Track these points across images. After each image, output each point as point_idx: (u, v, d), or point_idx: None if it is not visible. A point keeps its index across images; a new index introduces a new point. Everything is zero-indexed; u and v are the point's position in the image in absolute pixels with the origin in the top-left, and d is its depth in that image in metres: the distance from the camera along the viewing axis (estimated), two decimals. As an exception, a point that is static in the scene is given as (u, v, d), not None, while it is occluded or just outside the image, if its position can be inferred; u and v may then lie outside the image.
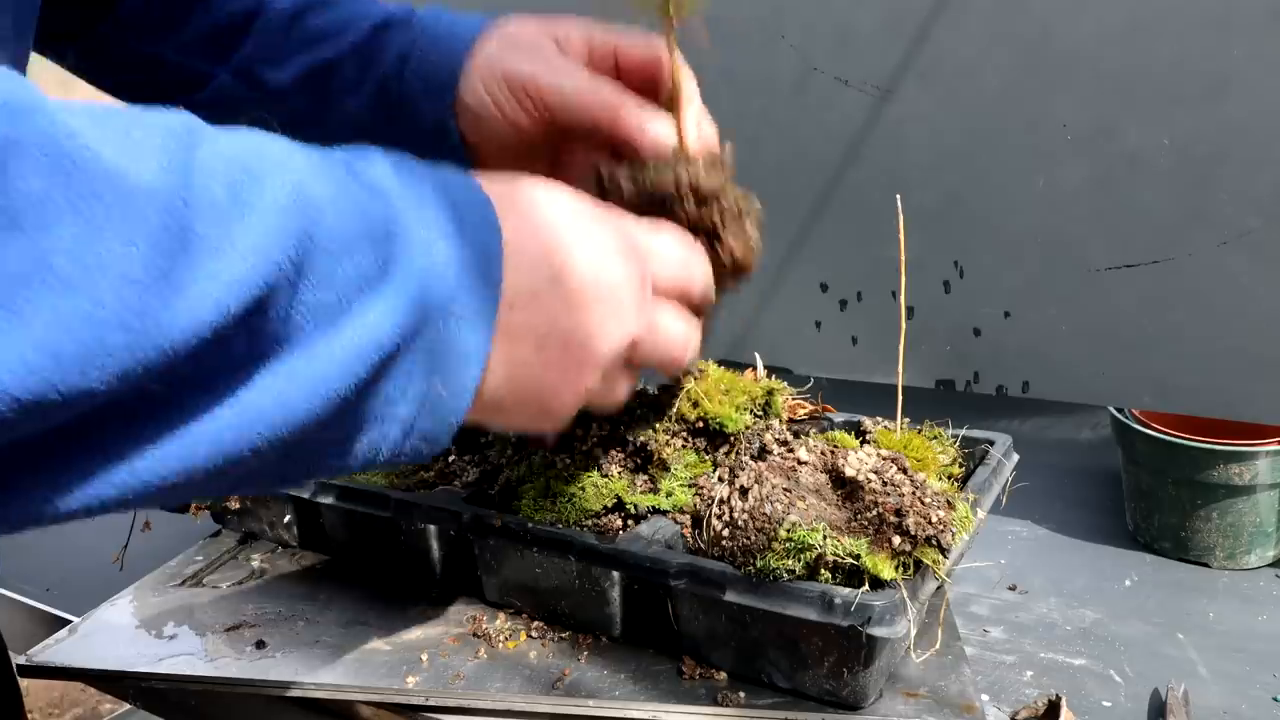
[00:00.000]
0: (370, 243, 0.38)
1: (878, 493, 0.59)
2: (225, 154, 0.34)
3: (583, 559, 0.65)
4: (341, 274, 0.37)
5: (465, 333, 0.42)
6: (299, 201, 0.35)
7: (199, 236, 0.32)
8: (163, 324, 0.31)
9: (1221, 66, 0.82)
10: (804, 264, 1.04)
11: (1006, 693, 0.69)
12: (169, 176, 0.31)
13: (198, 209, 0.32)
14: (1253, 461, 0.85)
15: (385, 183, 0.41)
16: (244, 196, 0.34)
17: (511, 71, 0.64)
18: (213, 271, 0.32)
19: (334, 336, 0.37)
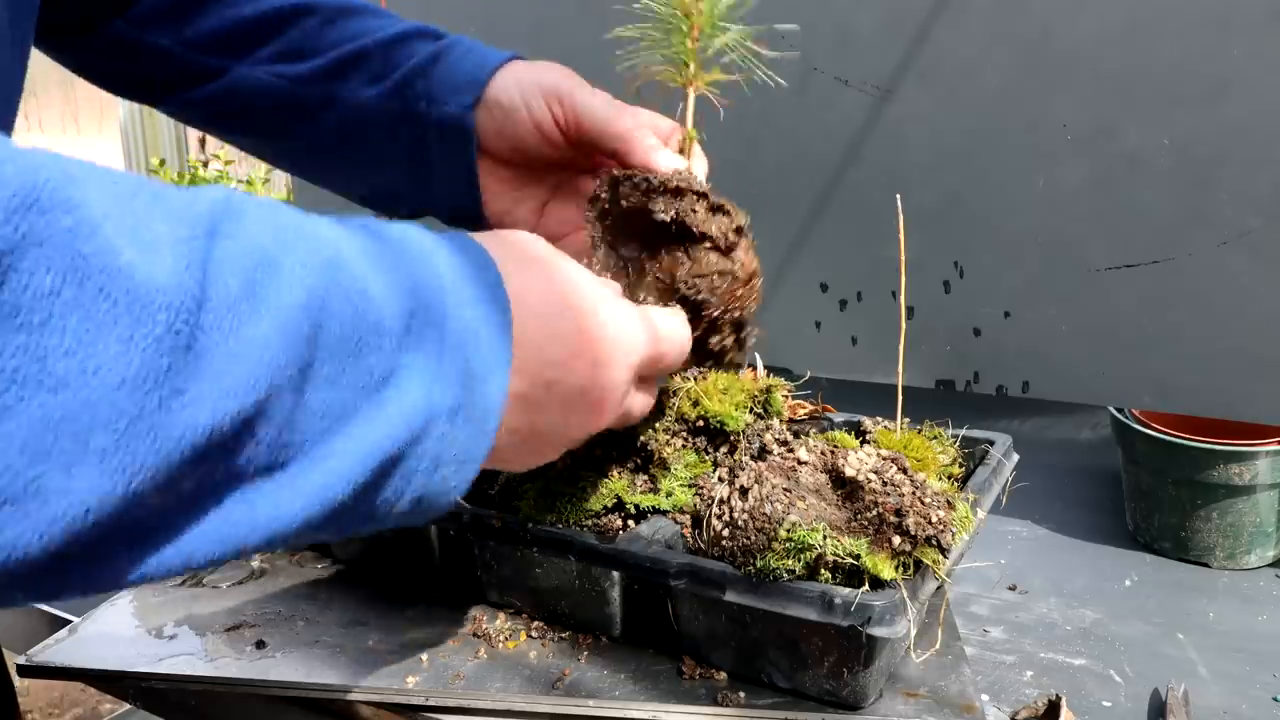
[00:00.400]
0: (380, 345, 0.38)
1: (878, 493, 0.59)
2: (247, 244, 0.34)
3: (583, 559, 0.65)
4: (350, 377, 0.37)
5: (467, 434, 0.42)
6: (315, 298, 0.35)
7: (206, 336, 0.31)
8: (155, 427, 0.30)
9: (1222, 67, 0.82)
10: (804, 264, 1.04)
11: (1006, 693, 0.69)
12: (184, 275, 0.31)
13: (208, 308, 0.31)
14: (1253, 461, 0.85)
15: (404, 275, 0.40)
16: (258, 292, 0.33)
17: (549, 81, 0.68)
18: (215, 373, 0.31)
19: (337, 443, 0.36)
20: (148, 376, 0.30)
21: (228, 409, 0.32)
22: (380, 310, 0.38)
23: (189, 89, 0.75)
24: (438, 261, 0.42)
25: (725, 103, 0.66)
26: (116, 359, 0.29)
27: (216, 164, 2.93)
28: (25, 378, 0.27)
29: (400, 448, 0.39)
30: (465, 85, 0.70)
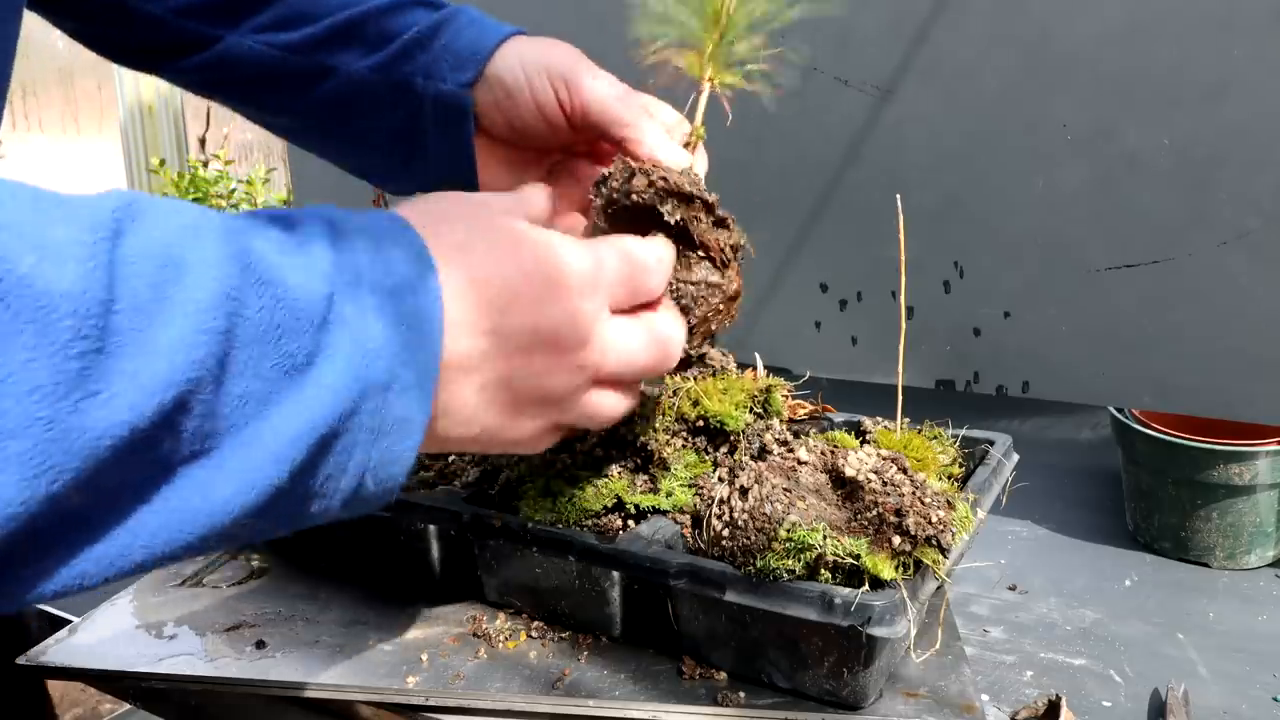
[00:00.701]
0: (300, 329, 0.38)
1: (878, 493, 0.59)
2: (152, 245, 0.34)
3: (583, 559, 0.65)
4: (268, 361, 0.37)
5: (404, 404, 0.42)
6: (226, 292, 0.35)
7: (118, 338, 0.32)
8: (71, 430, 0.30)
9: (1221, 68, 0.82)
10: (804, 264, 1.04)
11: (1006, 693, 0.69)
12: (88, 279, 0.31)
13: (117, 309, 0.32)
14: (1253, 461, 0.85)
15: (320, 259, 0.40)
16: (167, 291, 0.33)
17: (555, 60, 0.65)
18: (130, 372, 0.32)
19: (263, 427, 0.37)
20: (60, 382, 0.30)
21: (145, 406, 0.32)
22: (296, 295, 0.38)
23: (182, 57, 0.73)
24: (354, 239, 0.42)
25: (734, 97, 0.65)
26: (24, 367, 0.29)
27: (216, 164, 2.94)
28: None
29: (332, 424, 0.39)
30: (465, 61, 0.67)
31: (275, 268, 0.38)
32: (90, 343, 0.31)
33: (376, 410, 0.40)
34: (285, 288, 0.38)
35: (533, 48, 0.67)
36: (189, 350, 0.33)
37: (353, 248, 0.42)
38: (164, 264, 0.34)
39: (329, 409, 0.38)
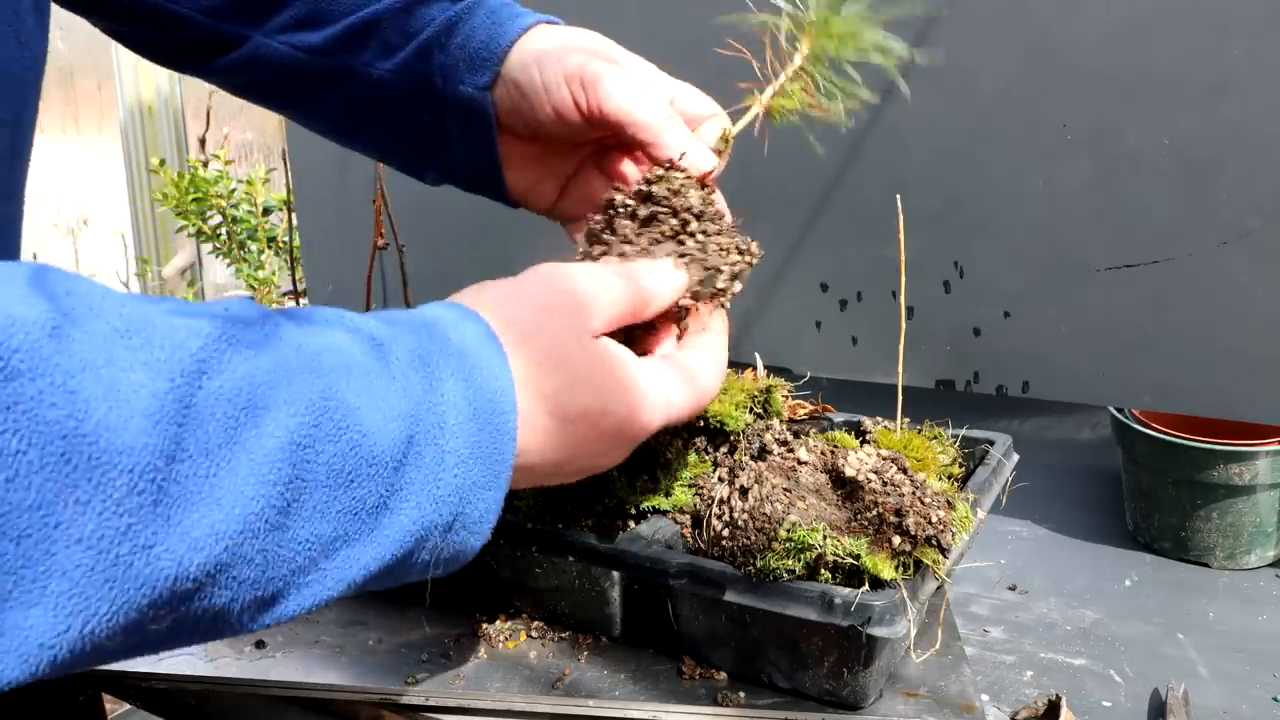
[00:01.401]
0: (373, 475, 0.38)
1: (878, 493, 0.59)
2: (235, 385, 0.34)
3: (583, 559, 0.65)
4: (339, 507, 0.37)
5: (463, 538, 0.44)
6: (298, 441, 0.35)
7: (178, 488, 0.32)
8: (114, 580, 0.31)
9: (1221, 68, 0.82)
10: (804, 264, 1.04)
11: (1006, 693, 0.69)
12: (152, 432, 0.31)
13: (182, 458, 0.32)
14: (1253, 461, 0.85)
15: (403, 400, 0.40)
16: (241, 435, 0.34)
17: (574, 57, 0.62)
18: (184, 528, 0.32)
19: (326, 568, 0.37)
20: (104, 535, 0.30)
21: (194, 560, 0.32)
22: (374, 440, 0.38)
23: (213, 57, 0.73)
24: (443, 379, 0.42)
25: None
26: (74, 519, 0.30)
27: (216, 164, 2.94)
28: None
29: (390, 563, 0.40)
30: (481, 62, 0.65)
31: (354, 411, 0.38)
32: (145, 497, 0.31)
33: (436, 546, 0.42)
34: (362, 433, 0.38)
35: (550, 43, 0.64)
36: (250, 501, 0.34)
37: (439, 390, 0.42)
38: (244, 406, 0.34)
39: (391, 551, 0.39)
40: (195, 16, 0.71)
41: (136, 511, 0.31)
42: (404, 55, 0.68)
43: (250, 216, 2.82)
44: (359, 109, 0.72)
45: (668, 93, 0.64)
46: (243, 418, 0.34)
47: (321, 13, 0.70)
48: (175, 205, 2.77)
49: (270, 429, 0.35)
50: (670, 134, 0.60)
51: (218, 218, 2.83)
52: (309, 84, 0.72)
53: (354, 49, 0.69)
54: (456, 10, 0.67)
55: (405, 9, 0.68)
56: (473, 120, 0.67)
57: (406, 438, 0.39)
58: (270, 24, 0.71)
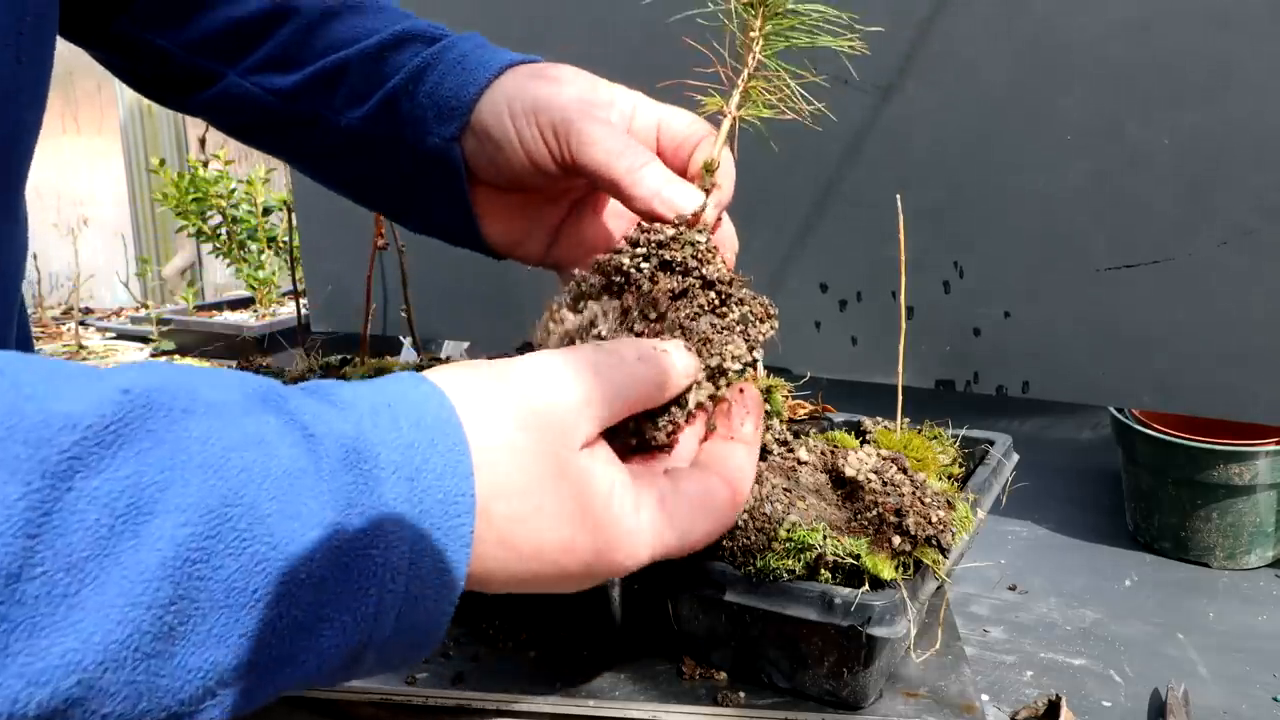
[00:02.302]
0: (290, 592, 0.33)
1: (878, 493, 0.59)
2: (112, 487, 0.29)
3: (583, 559, 0.65)
4: (240, 632, 0.32)
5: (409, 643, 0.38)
6: (186, 555, 0.30)
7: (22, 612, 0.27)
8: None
9: (1222, 65, 0.82)
10: (804, 264, 1.04)
11: (1006, 693, 0.69)
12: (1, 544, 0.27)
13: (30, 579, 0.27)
14: (1253, 461, 0.85)
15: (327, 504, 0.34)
16: (115, 547, 0.29)
17: (545, 102, 0.58)
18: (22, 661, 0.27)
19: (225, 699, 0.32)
20: None
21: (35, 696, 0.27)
22: (287, 554, 0.33)
23: (194, 92, 0.72)
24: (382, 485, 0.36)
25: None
26: None
27: (216, 164, 2.94)
28: None
29: (319, 680, 0.35)
30: (449, 111, 0.61)
31: (263, 520, 0.32)
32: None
33: (373, 662, 0.37)
34: (271, 545, 0.32)
35: (521, 89, 0.60)
36: (113, 628, 0.29)
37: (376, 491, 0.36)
38: (122, 513, 0.29)
39: (312, 677, 0.34)
40: (173, 50, 0.70)
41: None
42: (372, 104, 0.64)
43: (250, 216, 2.83)
44: (332, 156, 0.69)
45: (653, 120, 0.60)
46: (119, 526, 0.29)
47: (293, 55, 0.67)
48: (175, 205, 2.77)
49: (153, 540, 0.29)
50: (643, 184, 0.55)
51: (218, 218, 2.83)
52: (281, 128, 0.69)
53: (323, 95, 0.66)
54: (426, 56, 0.63)
55: (377, 54, 0.65)
56: (442, 173, 0.63)
57: (323, 551, 0.34)
58: (243, 63, 0.69)
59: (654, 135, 0.60)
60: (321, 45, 0.67)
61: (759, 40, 0.55)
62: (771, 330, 0.57)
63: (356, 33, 0.66)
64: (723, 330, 0.54)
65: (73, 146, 4.47)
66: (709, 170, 0.57)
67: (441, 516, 0.37)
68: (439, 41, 0.64)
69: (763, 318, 0.56)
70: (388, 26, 0.66)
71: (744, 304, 0.56)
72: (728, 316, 0.55)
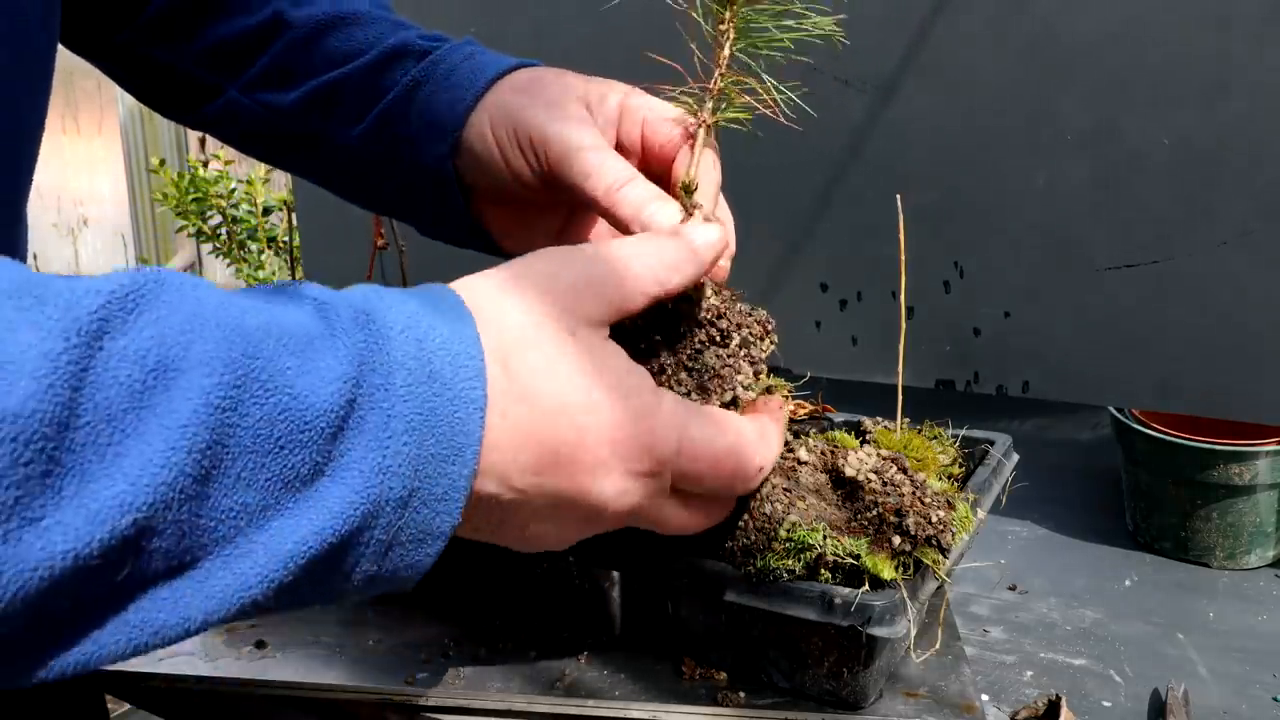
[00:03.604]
0: (306, 441, 0.34)
1: (878, 493, 0.59)
2: (144, 344, 0.31)
3: (583, 559, 0.65)
4: (267, 475, 0.34)
5: (425, 518, 0.39)
6: (217, 403, 0.32)
7: (73, 458, 0.29)
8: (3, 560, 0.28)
9: (1221, 67, 0.82)
10: (804, 264, 1.04)
11: (1006, 693, 0.69)
12: (41, 398, 0.29)
13: (77, 427, 0.29)
14: (1253, 461, 0.85)
15: (342, 360, 0.36)
16: (149, 399, 0.31)
17: (523, 120, 0.58)
18: (80, 501, 0.29)
19: (254, 543, 0.34)
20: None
21: (96, 534, 0.30)
22: (306, 404, 0.34)
23: (197, 106, 0.72)
24: (390, 341, 0.38)
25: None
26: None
27: (216, 164, 2.94)
28: None
29: (333, 541, 0.36)
30: (440, 130, 0.61)
31: (282, 372, 0.34)
32: (32, 468, 0.29)
33: (392, 524, 0.37)
34: (292, 395, 0.34)
35: (502, 106, 0.59)
36: (158, 471, 0.31)
37: (387, 347, 0.38)
38: (152, 368, 0.31)
39: (332, 526, 0.35)
40: (177, 64, 0.70)
41: (23, 485, 0.28)
42: (368, 124, 0.65)
43: (250, 216, 2.83)
44: (334, 170, 0.70)
45: (638, 119, 0.59)
46: (151, 380, 0.31)
47: (290, 69, 0.67)
48: (175, 205, 2.77)
49: (184, 391, 0.31)
50: (624, 205, 0.54)
51: (218, 218, 2.83)
52: (282, 144, 0.70)
53: (321, 114, 0.67)
54: (415, 74, 0.64)
55: (370, 73, 0.65)
56: (440, 189, 0.63)
57: (346, 401, 0.36)
58: (243, 77, 0.69)
59: (639, 134, 0.59)
60: (318, 59, 0.67)
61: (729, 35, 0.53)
62: (772, 345, 0.57)
63: (350, 47, 0.66)
64: (729, 361, 0.54)
65: (73, 146, 4.47)
66: (688, 192, 0.55)
67: (451, 376, 0.39)
68: (429, 55, 0.64)
69: (761, 335, 0.56)
70: (380, 41, 0.66)
71: (742, 327, 0.55)
72: (731, 344, 0.54)
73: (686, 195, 0.55)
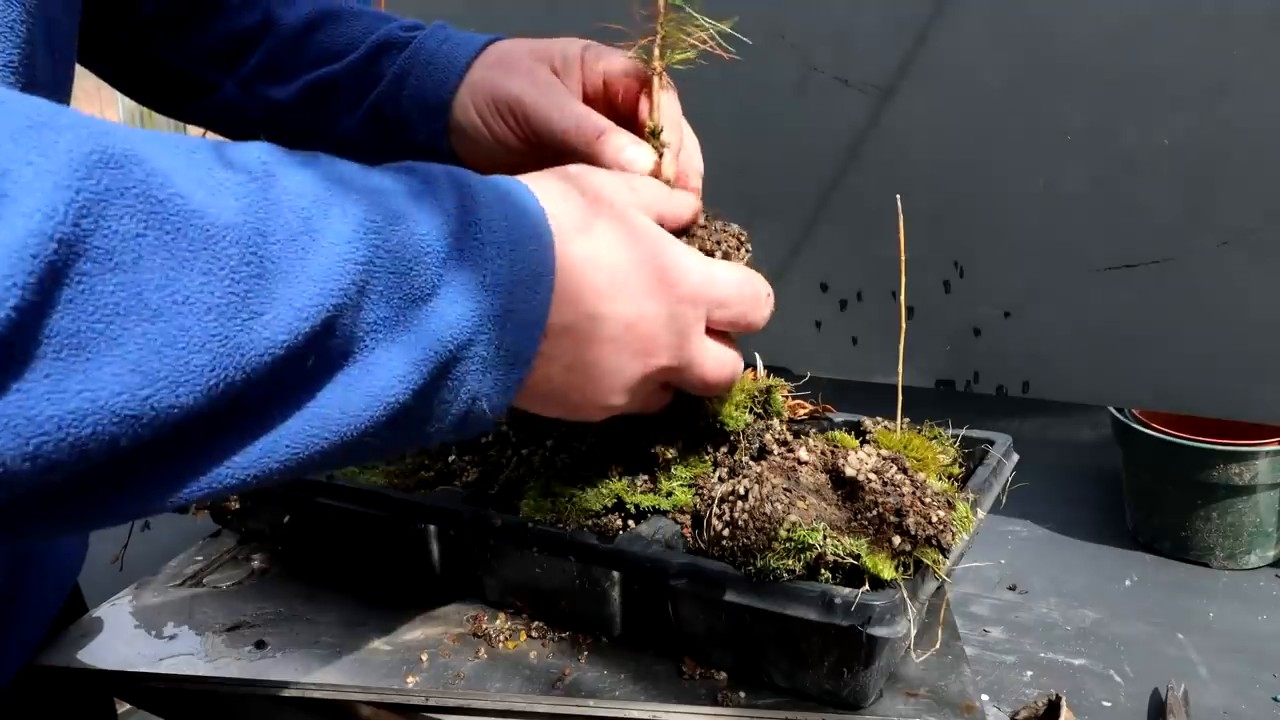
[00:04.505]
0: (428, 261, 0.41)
1: (878, 493, 0.59)
2: (298, 186, 0.38)
3: (583, 559, 0.65)
4: (400, 291, 0.40)
5: (516, 340, 0.46)
6: (365, 226, 0.39)
7: (274, 265, 0.35)
8: (241, 346, 0.34)
9: (1221, 67, 0.82)
10: (804, 264, 1.04)
11: (1006, 693, 0.69)
12: (247, 213, 0.35)
13: (273, 240, 0.35)
14: (1253, 461, 0.85)
15: (445, 204, 0.44)
16: (315, 225, 0.37)
17: (500, 92, 0.65)
18: (286, 298, 0.36)
19: (392, 349, 0.40)
20: (230, 303, 0.34)
21: (299, 327, 0.36)
22: (424, 232, 0.41)
23: (192, 101, 0.75)
24: (479, 194, 0.46)
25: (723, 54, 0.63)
26: (201, 289, 0.33)
27: (216, 164, 2.94)
28: (127, 310, 0.31)
29: (451, 350, 0.42)
30: (430, 111, 0.68)
31: (408, 211, 0.41)
32: (252, 268, 0.34)
33: (490, 341, 0.44)
34: (414, 223, 0.41)
35: (480, 82, 0.67)
36: (336, 278, 0.37)
37: (476, 201, 0.45)
38: (313, 200, 0.38)
39: (448, 337, 0.42)
40: (171, 61, 0.74)
41: (249, 280, 0.34)
42: (363, 112, 0.71)
43: (250, 216, 2.83)
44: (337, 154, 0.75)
45: (602, 69, 0.65)
46: (313, 209, 0.37)
47: (283, 64, 0.73)
48: (175, 205, 2.76)
49: (340, 218, 0.38)
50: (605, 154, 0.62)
51: (218, 218, 2.83)
52: (282, 135, 0.74)
53: (316, 108, 0.72)
54: (401, 63, 0.70)
55: (359, 68, 0.71)
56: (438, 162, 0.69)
57: (449, 233, 0.43)
58: (239, 72, 0.73)
59: (601, 83, 0.66)
60: (310, 55, 0.72)
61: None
62: (748, 254, 0.64)
63: (339, 43, 0.72)
64: None
65: (73, 147, 4.47)
66: (655, 135, 0.63)
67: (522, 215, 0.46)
68: (409, 46, 0.71)
69: (737, 246, 0.64)
70: (366, 36, 0.72)
71: (722, 243, 0.63)
72: (715, 256, 0.61)
73: (654, 138, 0.63)
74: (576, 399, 0.53)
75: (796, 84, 1.00)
